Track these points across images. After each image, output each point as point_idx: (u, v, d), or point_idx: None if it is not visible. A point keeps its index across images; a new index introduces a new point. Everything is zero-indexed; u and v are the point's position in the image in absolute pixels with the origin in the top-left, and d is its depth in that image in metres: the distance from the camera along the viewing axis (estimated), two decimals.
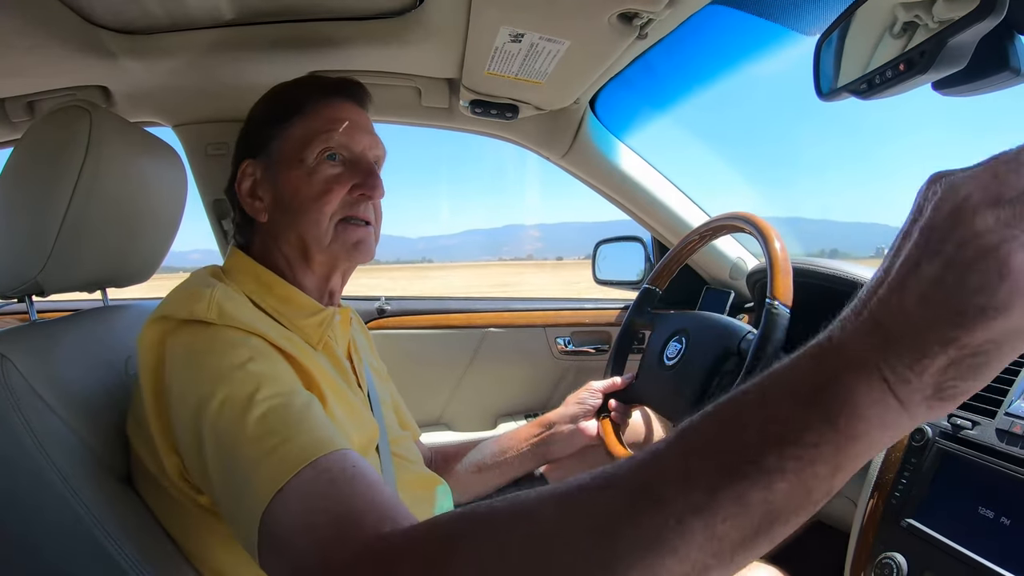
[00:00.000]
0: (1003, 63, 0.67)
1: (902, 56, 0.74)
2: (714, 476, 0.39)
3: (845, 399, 0.38)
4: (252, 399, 0.68)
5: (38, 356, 0.83)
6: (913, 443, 1.00)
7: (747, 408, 0.41)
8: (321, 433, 0.67)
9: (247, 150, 0.97)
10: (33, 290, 0.91)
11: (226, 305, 0.77)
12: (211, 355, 0.73)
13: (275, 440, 0.65)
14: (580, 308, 2.15)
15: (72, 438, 0.80)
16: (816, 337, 0.41)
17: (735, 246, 1.91)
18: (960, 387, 0.37)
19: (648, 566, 0.39)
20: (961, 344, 0.36)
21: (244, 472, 0.64)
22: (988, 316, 0.35)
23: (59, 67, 1.25)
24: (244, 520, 0.62)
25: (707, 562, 0.39)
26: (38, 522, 0.76)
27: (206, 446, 0.68)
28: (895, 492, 1.00)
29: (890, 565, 0.93)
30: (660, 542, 0.39)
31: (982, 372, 0.37)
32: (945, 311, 0.36)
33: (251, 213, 0.95)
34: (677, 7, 1.00)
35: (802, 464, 0.38)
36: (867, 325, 0.39)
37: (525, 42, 1.13)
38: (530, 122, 1.64)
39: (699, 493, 0.39)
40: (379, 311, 2.04)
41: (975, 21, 0.61)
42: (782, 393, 0.40)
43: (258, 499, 0.61)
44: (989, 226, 0.35)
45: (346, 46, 1.29)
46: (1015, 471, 0.87)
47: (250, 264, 0.94)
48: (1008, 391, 0.95)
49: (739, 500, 0.38)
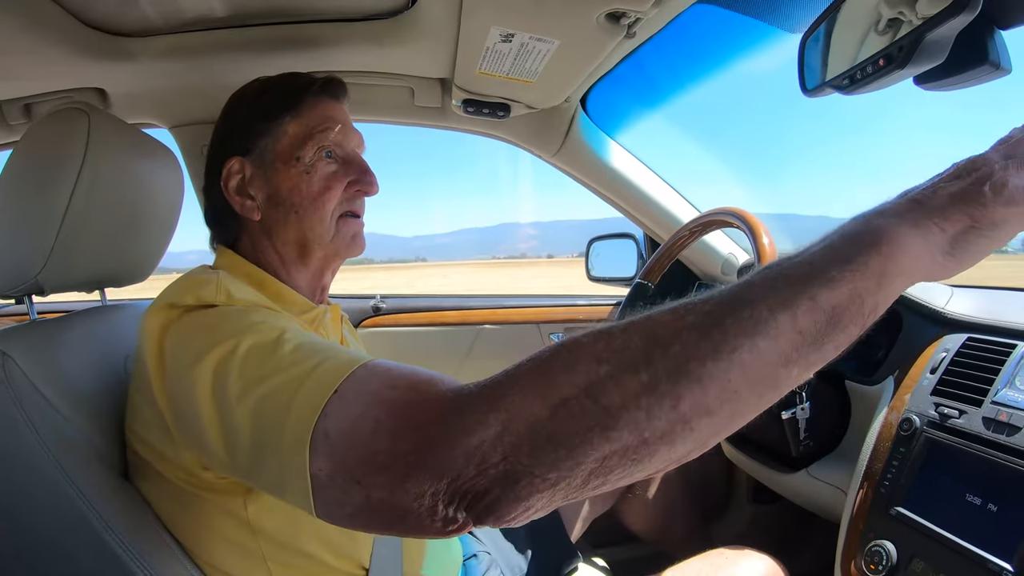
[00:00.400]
0: (982, 57, 0.68)
1: (881, 52, 0.75)
2: (796, 281, 0.49)
3: (887, 234, 0.51)
4: (281, 339, 0.67)
5: (39, 354, 0.83)
6: (901, 432, 1.02)
7: (812, 247, 0.52)
8: (362, 353, 0.67)
9: (230, 148, 0.95)
10: (33, 290, 0.92)
11: (233, 289, 0.77)
12: (226, 321, 0.72)
13: (317, 358, 0.63)
14: (573, 304, 2.16)
15: (74, 434, 0.80)
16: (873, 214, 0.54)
17: (726, 241, 1.92)
18: (968, 249, 0.54)
19: (752, 347, 0.48)
20: (975, 217, 0.52)
21: (287, 395, 0.61)
22: (991, 205, 0.52)
23: (56, 70, 1.26)
24: (289, 446, 0.58)
25: (789, 355, 0.49)
26: (42, 518, 0.76)
27: (231, 398, 0.64)
28: (884, 481, 1.01)
29: (880, 552, 0.95)
30: (758, 326, 0.48)
31: (983, 244, 0.54)
32: (964, 201, 0.53)
33: (242, 212, 0.94)
34: (664, 7, 1.02)
35: (856, 276, 0.49)
36: (907, 201, 0.54)
37: (515, 42, 1.14)
38: (522, 121, 1.65)
39: (785, 291, 0.49)
40: (374, 309, 2.05)
41: (950, 17, 0.62)
42: (840, 237, 0.52)
43: (308, 412, 0.58)
44: (998, 166, 0.53)
45: (340, 47, 1.30)
46: (1001, 459, 0.88)
47: (240, 262, 0.94)
48: (994, 380, 0.97)
49: (813, 299, 0.48)
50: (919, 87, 0.77)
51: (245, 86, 1.00)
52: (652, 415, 0.47)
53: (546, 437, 0.49)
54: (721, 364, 0.47)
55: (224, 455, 0.66)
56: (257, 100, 0.97)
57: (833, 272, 0.49)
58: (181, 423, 0.72)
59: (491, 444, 0.50)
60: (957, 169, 0.55)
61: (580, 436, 0.48)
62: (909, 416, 1.03)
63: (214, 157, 0.97)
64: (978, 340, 1.06)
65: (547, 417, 0.49)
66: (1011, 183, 0.52)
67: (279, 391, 0.61)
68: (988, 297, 1.21)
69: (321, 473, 0.57)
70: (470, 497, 0.52)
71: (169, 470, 0.78)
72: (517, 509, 0.52)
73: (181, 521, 0.82)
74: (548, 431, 0.49)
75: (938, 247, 0.53)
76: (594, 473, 0.50)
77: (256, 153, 0.94)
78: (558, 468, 0.49)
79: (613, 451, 0.48)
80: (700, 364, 0.47)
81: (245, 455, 0.64)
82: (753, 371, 0.48)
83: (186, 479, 0.78)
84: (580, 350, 0.51)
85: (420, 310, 2.09)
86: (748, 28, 1.32)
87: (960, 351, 1.06)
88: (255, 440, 0.62)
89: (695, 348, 0.48)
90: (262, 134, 0.94)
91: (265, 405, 0.62)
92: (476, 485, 0.51)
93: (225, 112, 1.00)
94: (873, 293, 0.50)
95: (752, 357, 0.47)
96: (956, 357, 1.05)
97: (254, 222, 0.94)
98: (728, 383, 0.48)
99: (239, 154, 0.94)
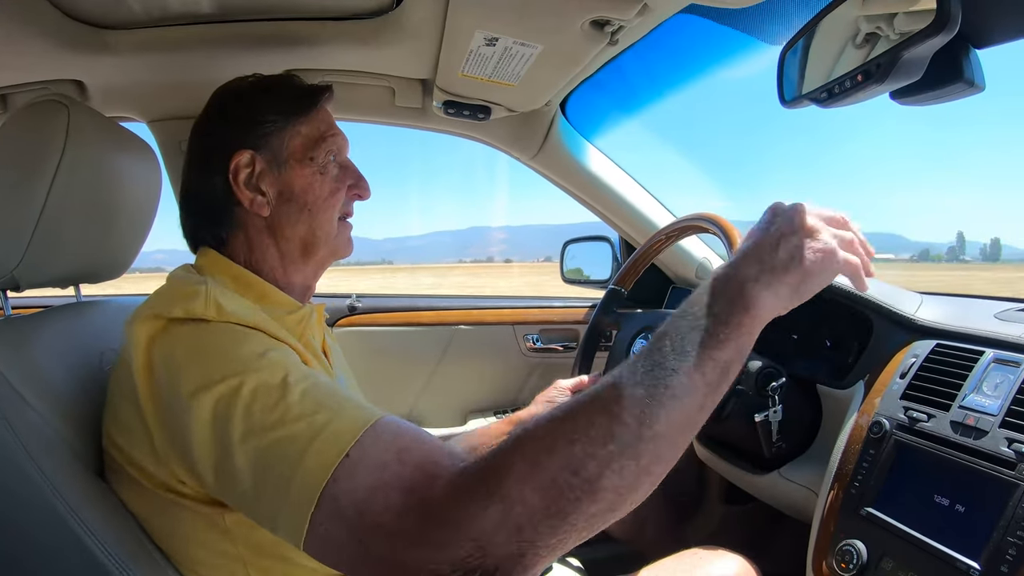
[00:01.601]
0: (958, 75, 0.71)
1: (860, 67, 0.77)
2: (698, 346, 0.64)
3: (751, 298, 0.66)
4: (286, 382, 0.68)
5: (13, 351, 0.82)
6: (871, 435, 1.05)
7: (698, 310, 0.66)
8: (364, 403, 0.70)
9: (235, 141, 0.93)
10: (8, 285, 0.90)
11: (223, 301, 0.76)
12: (224, 349, 0.72)
13: (326, 414, 0.66)
14: (549, 306, 2.17)
15: (49, 432, 0.79)
16: (724, 269, 0.70)
17: (701, 246, 1.95)
18: (805, 291, 0.69)
19: (682, 407, 0.62)
20: (808, 272, 0.68)
21: (295, 451, 0.63)
22: (790, 265, 0.68)
23: (34, 60, 1.24)
24: (295, 501, 0.62)
25: (703, 403, 0.64)
26: (18, 517, 0.75)
27: (232, 438, 0.66)
28: (854, 482, 1.04)
29: (850, 552, 0.97)
30: (684, 390, 0.62)
31: (817, 285, 0.70)
32: (798, 260, 0.68)
33: (250, 207, 0.92)
34: (647, 15, 1.03)
35: (737, 333, 0.65)
36: (754, 263, 0.68)
37: (499, 46, 1.15)
38: (502, 123, 1.65)
39: (694, 357, 0.63)
40: (350, 308, 2.04)
41: (929, 36, 0.64)
42: (716, 301, 0.67)
43: (318, 472, 0.61)
44: (791, 232, 0.70)
45: (323, 45, 1.30)
46: (969, 461, 0.91)
47: (225, 263, 0.92)
48: (962, 385, 1.00)
49: (714, 359, 0.64)
50: (895, 102, 0.80)
51: (239, 80, 0.99)
52: (623, 475, 0.59)
53: (544, 515, 0.57)
54: (662, 424, 0.60)
55: (214, 484, 0.68)
56: (264, 96, 0.95)
57: (721, 335, 0.64)
58: (169, 442, 0.72)
59: (494, 529, 0.57)
60: (779, 227, 0.71)
61: (571, 506, 0.57)
62: (879, 419, 1.05)
63: (213, 150, 0.94)
64: (947, 346, 1.09)
65: (539, 500, 0.57)
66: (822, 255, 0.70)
67: (287, 445, 0.64)
68: (956, 304, 1.24)
69: (321, 527, 0.61)
70: (479, 573, 0.58)
71: (144, 477, 0.77)
72: None
73: (157, 523, 0.80)
74: (545, 511, 0.57)
75: (786, 297, 0.68)
76: (584, 527, 0.59)
77: (267, 149, 0.92)
78: (556, 535, 0.58)
79: (599, 509, 0.59)
80: (650, 428, 0.59)
81: (238, 492, 0.66)
82: (684, 421, 0.63)
83: (162, 486, 0.77)
84: (553, 434, 0.60)
85: (396, 310, 2.09)
86: (728, 38, 1.34)
87: (929, 357, 1.09)
88: (255, 483, 0.65)
89: (645, 416, 0.60)
90: (272, 131, 0.93)
91: (270, 455, 0.64)
92: (484, 564, 0.57)
93: (221, 105, 0.97)
94: (748, 343, 0.67)
95: (681, 414, 0.62)
96: (925, 363, 1.08)
97: (259, 218, 0.93)
98: (670, 435, 0.61)
99: (249, 148, 0.92)
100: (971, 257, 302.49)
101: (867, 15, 0.79)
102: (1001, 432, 0.90)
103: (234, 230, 0.94)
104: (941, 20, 0.62)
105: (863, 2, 0.78)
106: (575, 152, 1.78)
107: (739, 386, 1.21)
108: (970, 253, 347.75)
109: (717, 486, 1.96)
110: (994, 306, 1.20)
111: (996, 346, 1.03)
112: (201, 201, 0.95)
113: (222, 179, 0.92)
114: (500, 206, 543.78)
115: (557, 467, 0.58)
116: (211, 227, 0.95)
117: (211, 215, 0.95)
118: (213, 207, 0.94)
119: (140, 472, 0.78)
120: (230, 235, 0.94)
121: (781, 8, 1.03)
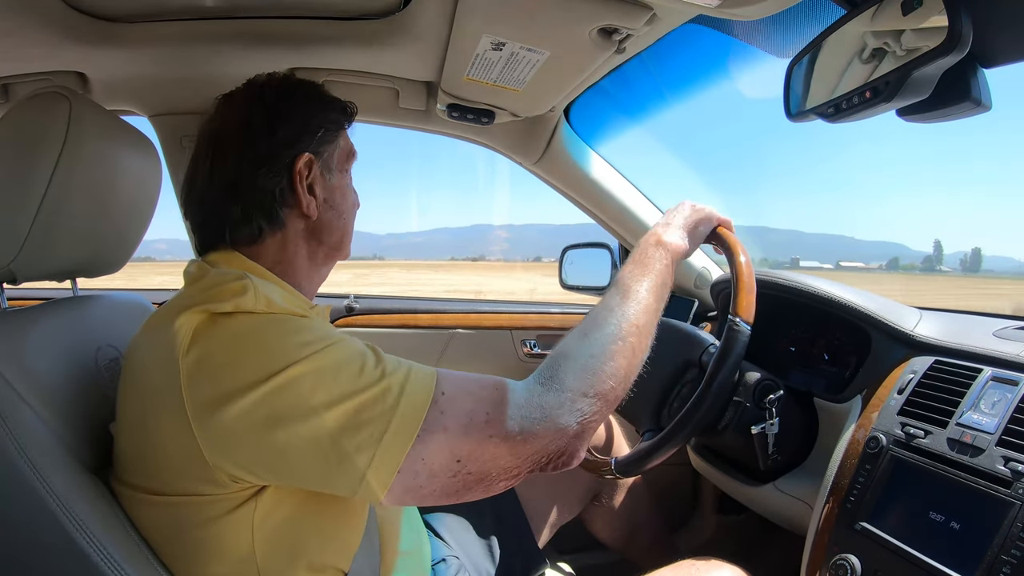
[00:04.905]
0: (965, 94, 0.71)
1: (868, 84, 0.77)
2: (648, 276, 0.98)
3: (666, 244, 1.03)
4: (361, 352, 0.80)
5: (9, 344, 0.81)
6: (868, 450, 1.05)
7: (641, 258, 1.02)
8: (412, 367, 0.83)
9: (296, 144, 0.92)
10: (5, 278, 0.90)
11: (271, 295, 0.79)
12: (283, 336, 0.75)
13: (402, 372, 0.79)
14: (546, 312, 2.18)
15: (43, 428, 0.78)
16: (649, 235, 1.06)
17: (700, 256, 1.95)
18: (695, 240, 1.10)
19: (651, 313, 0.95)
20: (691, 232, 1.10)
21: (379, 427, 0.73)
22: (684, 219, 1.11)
23: (37, 51, 1.24)
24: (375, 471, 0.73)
25: (657, 308, 0.97)
26: (9, 513, 0.74)
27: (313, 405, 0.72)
28: (850, 496, 1.04)
29: (844, 566, 0.97)
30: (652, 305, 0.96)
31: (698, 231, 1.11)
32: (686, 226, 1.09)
33: (306, 210, 0.92)
34: (655, 25, 1.03)
35: (665, 260, 1.01)
36: (661, 223, 1.09)
37: (506, 51, 1.15)
38: (505, 128, 1.66)
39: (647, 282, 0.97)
40: (348, 309, 2.04)
41: (940, 56, 0.64)
42: (650, 247, 1.03)
43: (398, 446, 0.73)
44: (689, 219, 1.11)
45: (328, 45, 1.30)
46: (965, 479, 0.91)
47: (249, 265, 0.90)
48: (959, 402, 1.00)
49: (663, 282, 0.99)
50: (902, 119, 0.80)
51: (275, 79, 0.97)
52: (639, 347, 0.92)
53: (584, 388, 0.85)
54: (648, 325, 0.94)
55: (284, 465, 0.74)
56: (313, 104, 0.96)
57: (658, 266, 1.00)
58: (222, 434, 0.72)
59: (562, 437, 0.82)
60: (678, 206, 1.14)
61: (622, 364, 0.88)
62: (876, 434, 1.06)
63: (279, 147, 0.91)
64: (945, 363, 1.09)
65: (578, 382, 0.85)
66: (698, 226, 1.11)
67: (372, 410, 0.74)
68: (955, 321, 1.24)
69: (397, 488, 0.75)
70: (553, 461, 0.83)
71: (159, 484, 0.77)
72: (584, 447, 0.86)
73: (155, 524, 0.80)
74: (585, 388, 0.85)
75: (682, 238, 1.07)
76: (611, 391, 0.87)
77: (323, 156, 0.95)
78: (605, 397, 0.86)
79: (632, 364, 0.90)
80: (649, 322, 0.94)
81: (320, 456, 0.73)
82: (651, 321, 0.95)
83: (178, 491, 0.76)
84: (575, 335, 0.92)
85: (393, 311, 2.09)
86: (735, 49, 1.34)
87: (927, 373, 1.09)
88: (346, 444, 0.73)
89: (645, 323, 0.93)
90: (328, 140, 0.96)
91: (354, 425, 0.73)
92: (555, 455, 0.82)
93: (274, 104, 0.94)
94: (669, 265, 1.02)
95: (649, 317, 0.94)
96: (923, 379, 1.08)
97: (302, 220, 0.94)
98: (651, 329, 0.95)
99: (311, 151, 0.93)
100: (950, 268, 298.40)
101: (874, 31, 0.79)
102: (998, 450, 0.91)
103: (275, 230, 0.92)
104: (952, 40, 0.62)
105: (871, 18, 0.78)
106: (577, 158, 1.79)
107: (736, 398, 1.21)
108: (950, 264, 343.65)
109: (711, 496, 1.96)
110: (993, 323, 1.21)
111: (994, 364, 1.03)
112: (247, 199, 0.91)
113: (287, 178, 0.91)
114: (502, 204, 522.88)
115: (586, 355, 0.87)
116: (248, 227, 0.91)
117: (259, 214, 0.91)
118: (262, 206, 0.91)
119: (153, 479, 0.77)
120: (269, 234, 0.92)
121: (789, 22, 1.03)
